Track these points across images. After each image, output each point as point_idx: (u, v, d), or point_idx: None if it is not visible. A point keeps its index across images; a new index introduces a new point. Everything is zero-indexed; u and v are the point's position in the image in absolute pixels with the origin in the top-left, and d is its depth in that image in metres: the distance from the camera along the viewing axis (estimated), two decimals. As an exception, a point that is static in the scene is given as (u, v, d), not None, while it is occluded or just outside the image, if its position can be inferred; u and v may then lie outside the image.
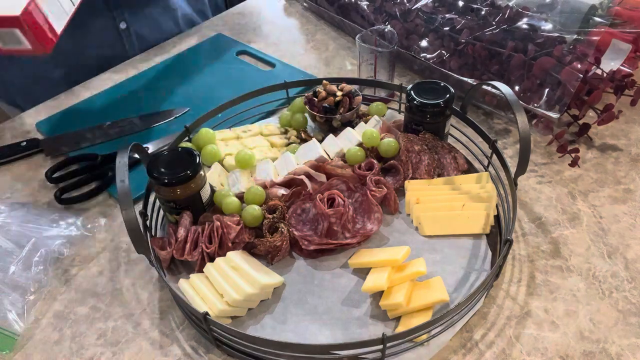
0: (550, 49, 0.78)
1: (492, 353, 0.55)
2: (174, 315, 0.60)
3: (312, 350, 0.52)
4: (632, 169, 0.75)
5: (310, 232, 0.65)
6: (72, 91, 0.97)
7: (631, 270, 0.62)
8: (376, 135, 0.71)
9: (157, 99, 0.93)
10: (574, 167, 0.74)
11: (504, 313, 0.58)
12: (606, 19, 0.82)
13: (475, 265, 0.61)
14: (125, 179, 0.53)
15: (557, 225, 0.68)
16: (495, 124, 0.84)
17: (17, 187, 0.78)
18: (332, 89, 0.78)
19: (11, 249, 0.65)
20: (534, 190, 0.72)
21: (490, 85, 0.66)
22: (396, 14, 0.95)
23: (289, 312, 0.58)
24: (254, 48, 1.06)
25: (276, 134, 0.81)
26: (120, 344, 0.58)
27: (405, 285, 0.57)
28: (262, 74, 0.99)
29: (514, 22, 0.83)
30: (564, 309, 0.58)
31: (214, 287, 0.58)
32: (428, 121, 0.71)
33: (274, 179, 0.69)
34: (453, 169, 0.72)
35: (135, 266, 0.66)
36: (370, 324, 0.57)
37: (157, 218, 0.68)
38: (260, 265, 0.62)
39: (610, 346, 0.55)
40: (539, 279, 0.61)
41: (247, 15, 1.19)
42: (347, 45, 1.07)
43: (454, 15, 0.89)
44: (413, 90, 0.71)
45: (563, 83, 0.76)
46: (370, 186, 0.67)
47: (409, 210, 0.68)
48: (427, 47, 0.90)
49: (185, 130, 0.76)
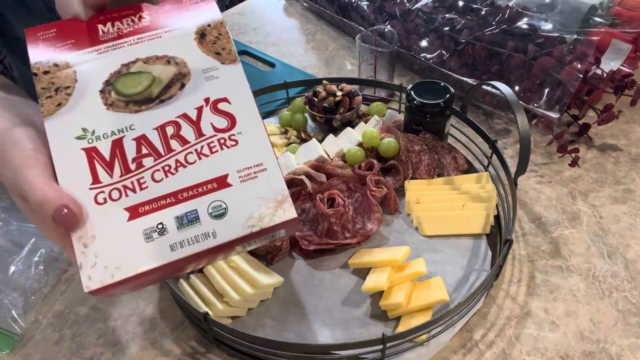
0: (550, 49, 0.78)
1: (492, 353, 0.55)
2: (174, 315, 0.60)
3: (312, 350, 0.52)
4: (632, 169, 0.75)
5: (310, 232, 0.65)
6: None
7: (631, 270, 0.62)
8: (376, 135, 0.71)
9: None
10: (574, 167, 0.74)
11: (504, 313, 0.58)
12: (606, 19, 0.82)
13: (475, 265, 0.61)
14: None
15: (557, 225, 0.68)
16: (495, 124, 0.84)
17: (17, 187, 0.78)
18: (332, 89, 0.78)
19: (11, 249, 0.65)
20: (534, 190, 0.72)
21: (490, 85, 0.66)
22: (396, 14, 0.95)
23: (289, 312, 0.58)
24: (254, 48, 1.06)
25: (276, 134, 0.81)
26: (120, 344, 0.58)
27: (405, 285, 0.57)
28: (262, 74, 0.99)
29: (514, 22, 0.83)
30: (564, 309, 0.58)
31: (214, 287, 0.58)
32: (428, 121, 0.71)
33: (274, 179, 0.69)
34: (453, 169, 0.72)
35: (135, 266, 0.66)
36: (370, 324, 0.57)
37: (157, 218, 0.68)
38: (260, 265, 0.62)
39: (610, 346, 0.55)
40: (539, 279, 0.61)
41: (247, 15, 1.19)
42: (347, 45, 1.07)
43: (454, 15, 0.89)
44: (413, 90, 0.71)
45: (563, 83, 0.76)
46: (370, 186, 0.67)
47: (409, 210, 0.68)
48: (427, 47, 0.90)
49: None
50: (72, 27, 0.42)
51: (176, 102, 0.41)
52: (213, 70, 0.43)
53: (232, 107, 0.42)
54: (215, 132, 0.40)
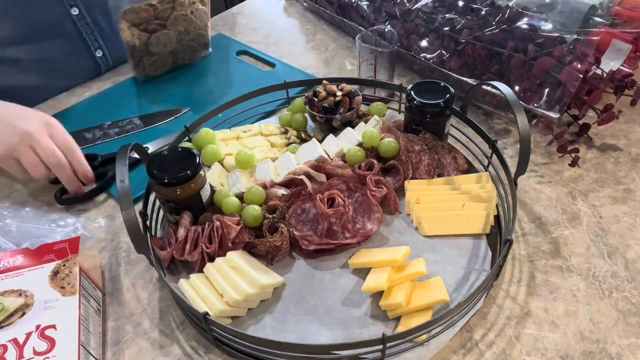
0: (550, 49, 0.78)
1: (492, 353, 0.55)
2: (174, 315, 0.60)
3: (312, 350, 0.52)
4: (632, 169, 0.75)
5: (310, 232, 0.65)
6: (72, 91, 0.97)
7: (631, 270, 0.62)
8: (376, 135, 0.71)
9: (157, 99, 0.93)
10: (574, 167, 0.74)
11: (504, 313, 0.58)
12: (606, 19, 0.82)
13: (475, 265, 0.61)
14: (125, 179, 0.53)
15: (557, 225, 0.68)
16: (495, 124, 0.84)
17: (17, 187, 0.78)
18: (332, 89, 0.78)
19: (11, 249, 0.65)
20: (534, 190, 0.72)
21: (490, 85, 0.66)
22: (396, 14, 0.95)
23: (289, 312, 0.58)
24: (254, 48, 1.06)
25: (276, 134, 0.81)
26: (120, 344, 0.58)
27: (405, 285, 0.57)
28: (262, 74, 0.99)
29: (514, 22, 0.83)
30: (564, 309, 0.58)
31: (214, 287, 0.58)
32: (428, 121, 0.71)
33: (274, 179, 0.69)
34: (453, 169, 0.72)
35: (135, 266, 0.66)
36: (370, 324, 0.57)
37: (157, 218, 0.68)
38: (260, 265, 0.62)
39: (610, 346, 0.55)
40: (539, 279, 0.61)
41: (247, 15, 1.19)
42: (347, 45, 1.07)
43: (454, 15, 0.89)
44: (413, 90, 0.71)
45: (563, 83, 0.76)
46: (370, 186, 0.67)
47: (409, 210, 0.68)
48: (427, 47, 0.90)
49: (185, 130, 0.76)
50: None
51: (13, 327, 0.52)
52: (53, 301, 0.54)
53: (57, 333, 0.52)
54: (34, 354, 0.50)
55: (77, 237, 0.62)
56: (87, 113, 0.91)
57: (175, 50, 0.96)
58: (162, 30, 0.91)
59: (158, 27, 0.91)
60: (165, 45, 0.93)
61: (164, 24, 0.91)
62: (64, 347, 0.51)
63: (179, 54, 0.98)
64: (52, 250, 0.60)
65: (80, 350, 0.51)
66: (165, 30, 0.91)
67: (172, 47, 0.94)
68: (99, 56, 0.98)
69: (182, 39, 0.95)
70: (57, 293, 0.55)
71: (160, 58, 0.95)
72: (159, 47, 0.92)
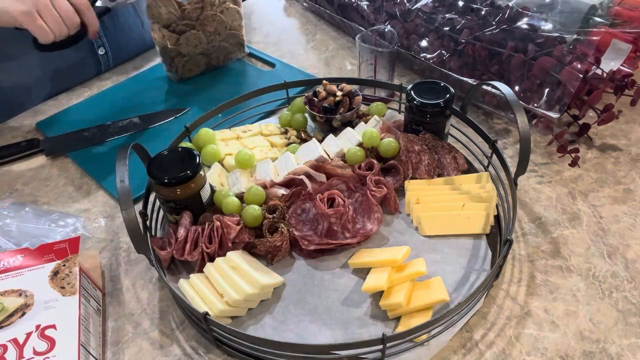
0: (550, 49, 0.78)
1: (492, 353, 0.55)
2: (174, 315, 0.60)
3: (312, 350, 0.52)
4: (632, 169, 0.75)
5: (310, 232, 0.65)
6: (72, 91, 0.97)
7: (631, 270, 0.62)
8: (376, 135, 0.71)
9: (157, 98, 0.93)
10: (574, 167, 0.74)
11: (504, 313, 0.58)
12: (606, 19, 0.82)
13: (475, 265, 0.61)
14: (125, 179, 0.53)
15: (557, 225, 0.68)
16: (495, 124, 0.84)
17: (17, 187, 0.78)
18: (332, 89, 0.78)
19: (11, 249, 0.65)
20: (534, 190, 0.72)
21: (490, 85, 0.66)
22: (396, 14, 0.95)
23: (289, 312, 0.58)
24: (254, 48, 1.06)
25: (276, 134, 0.81)
26: (120, 344, 0.58)
27: (405, 285, 0.57)
28: (262, 74, 0.99)
29: (514, 22, 0.83)
30: (564, 309, 0.58)
31: (214, 287, 0.58)
32: (428, 121, 0.71)
33: (274, 179, 0.69)
34: (453, 169, 0.72)
35: (135, 266, 0.66)
36: (370, 324, 0.57)
37: (157, 218, 0.68)
38: (260, 265, 0.62)
39: (610, 346, 0.55)
40: (539, 279, 0.61)
41: (247, 15, 1.19)
42: (347, 45, 1.07)
43: (454, 15, 0.89)
44: (413, 90, 0.71)
45: (563, 83, 0.76)
46: (370, 186, 0.67)
47: (409, 210, 0.68)
48: (427, 47, 0.90)
49: (185, 130, 0.76)
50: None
51: (13, 327, 0.52)
52: (53, 301, 0.54)
53: (56, 333, 0.52)
54: (34, 354, 0.50)
55: (77, 237, 0.62)
56: (87, 113, 0.91)
57: (206, 51, 0.95)
58: (190, 30, 0.91)
59: (186, 27, 0.90)
60: (195, 47, 0.92)
61: (193, 24, 0.90)
62: (64, 347, 0.51)
63: (212, 55, 0.97)
64: (52, 250, 0.60)
65: (80, 350, 0.51)
66: (194, 31, 0.91)
67: (202, 48, 0.93)
68: (101, 54, 0.99)
69: (212, 39, 0.94)
70: (57, 293, 0.55)
71: (191, 59, 0.94)
72: (188, 48, 0.92)
